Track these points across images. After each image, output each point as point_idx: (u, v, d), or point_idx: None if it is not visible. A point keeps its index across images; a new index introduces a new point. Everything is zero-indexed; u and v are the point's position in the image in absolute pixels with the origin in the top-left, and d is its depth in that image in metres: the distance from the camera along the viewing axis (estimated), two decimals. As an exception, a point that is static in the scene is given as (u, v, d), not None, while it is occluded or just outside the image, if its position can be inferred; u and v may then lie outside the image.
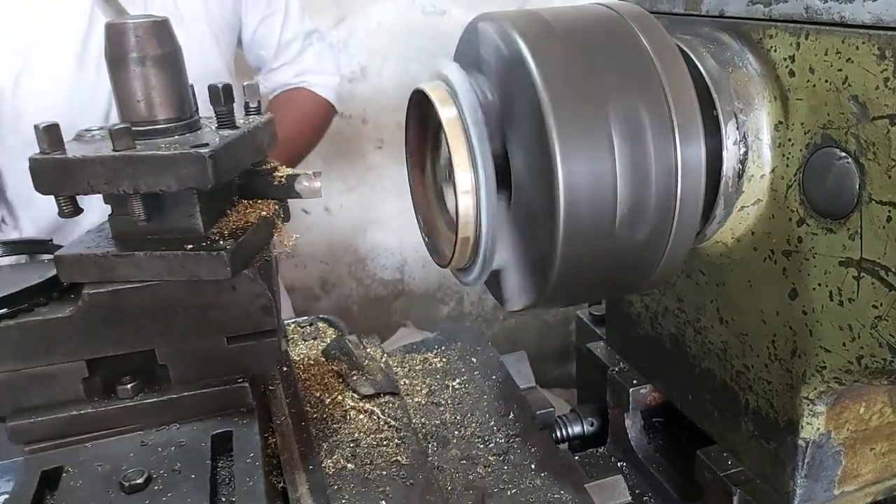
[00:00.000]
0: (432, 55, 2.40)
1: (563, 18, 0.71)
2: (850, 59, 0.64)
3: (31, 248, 0.91)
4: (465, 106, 0.69)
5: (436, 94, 0.72)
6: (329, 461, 0.84)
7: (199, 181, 0.72)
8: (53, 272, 0.79)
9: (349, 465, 0.84)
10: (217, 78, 1.71)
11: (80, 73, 1.49)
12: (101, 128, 0.81)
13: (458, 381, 1.05)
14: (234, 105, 0.81)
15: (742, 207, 0.77)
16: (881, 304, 0.65)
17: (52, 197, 0.76)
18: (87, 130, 0.79)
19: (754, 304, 0.81)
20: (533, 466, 0.89)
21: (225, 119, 0.79)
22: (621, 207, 0.66)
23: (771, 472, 0.83)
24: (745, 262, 0.81)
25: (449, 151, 0.69)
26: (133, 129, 0.74)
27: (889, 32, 0.60)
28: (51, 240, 0.91)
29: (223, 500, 0.73)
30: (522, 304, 0.76)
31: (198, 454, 0.75)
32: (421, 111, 0.79)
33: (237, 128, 0.79)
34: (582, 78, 0.65)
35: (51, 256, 0.84)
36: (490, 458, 0.90)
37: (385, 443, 0.88)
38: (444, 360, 1.11)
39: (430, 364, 1.10)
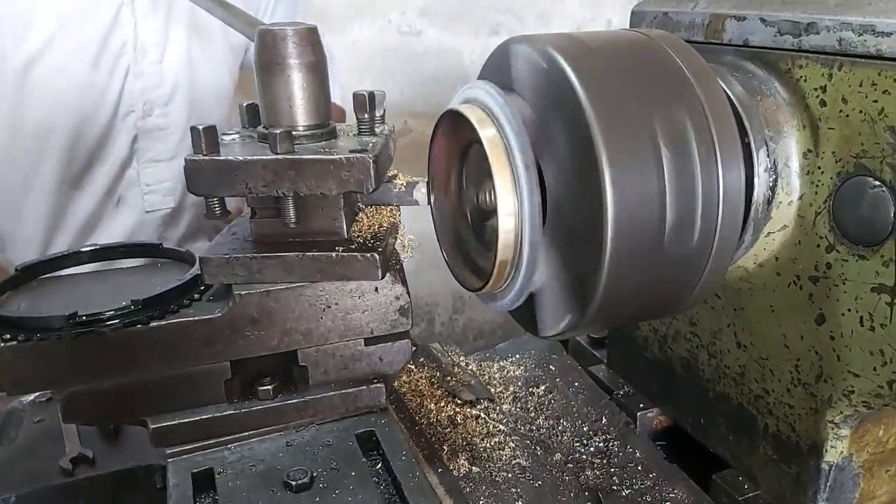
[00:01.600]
0: (408, 75, 2.40)
1: (599, 40, 0.71)
2: (886, 90, 0.66)
3: (144, 251, 0.91)
4: (507, 127, 0.68)
5: (473, 115, 0.71)
6: (453, 464, 0.86)
7: (360, 185, 0.72)
8: (189, 274, 0.78)
9: (474, 468, 0.86)
10: (227, 97, 1.68)
11: (94, 72, 1.45)
12: (236, 132, 0.80)
13: (542, 388, 1.07)
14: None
15: (769, 233, 0.78)
16: (917, 330, 0.66)
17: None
18: (224, 134, 0.78)
19: (776, 329, 0.82)
20: (640, 468, 0.91)
21: (366, 126, 0.79)
22: (667, 229, 0.66)
23: (791, 496, 0.84)
24: (767, 287, 0.82)
25: (491, 173, 0.68)
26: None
27: (930, 66, 0.62)
28: (161, 243, 0.90)
29: (389, 496, 0.74)
30: (560, 328, 0.76)
31: (349, 453, 0.76)
32: (449, 133, 0.78)
33: (376, 135, 0.79)
34: (625, 97, 0.65)
35: (163, 259, 0.87)
36: (594, 460, 0.92)
37: (501, 446, 0.90)
38: (521, 367, 1.12)
39: (508, 372, 1.11)
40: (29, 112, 1.42)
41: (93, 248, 0.89)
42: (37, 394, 1.08)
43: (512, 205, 0.68)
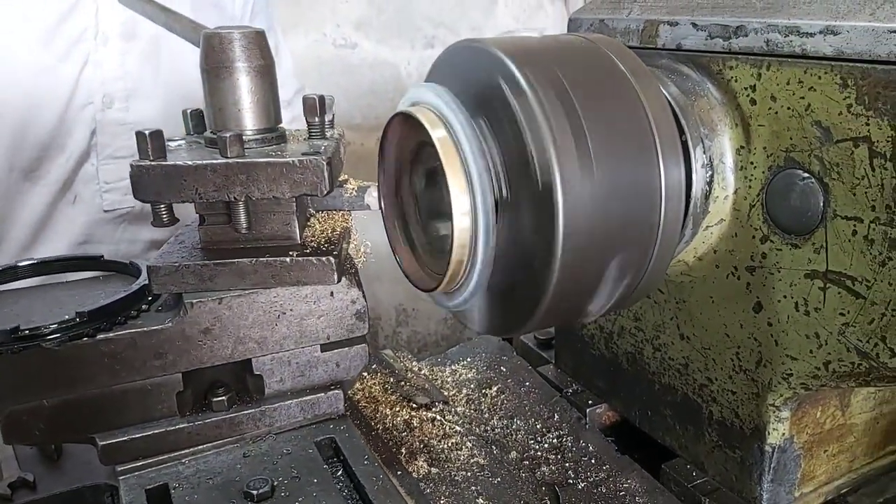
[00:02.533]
0: (344, 87, 2.40)
1: (543, 44, 0.74)
2: (812, 87, 0.70)
3: (83, 264, 0.89)
4: (457, 127, 0.70)
5: (424, 116, 0.72)
6: (412, 466, 0.86)
7: (314, 187, 0.72)
8: (136, 284, 0.77)
9: (433, 469, 0.86)
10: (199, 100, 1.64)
11: (47, 55, 1.38)
12: (183, 138, 0.79)
13: (494, 389, 1.08)
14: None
15: (707, 227, 0.82)
16: (848, 312, 0.70)
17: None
18: (169, 141, 0.76)
19: (717, 319, 0.85)
20: (593, 461, 0.93)
21: (317, 130, 0.79)
22: (614, 225, 0.68)
23: (737, 480, 0.87)
24: (707, 280, 0.85)
25: (444, 174, 0.69)
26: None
27: (850, 63, 0.66)
28: (101, 255, 0.88)
29: (353, 501, 0.73)
30: (501, 328, 0.77)
31: (309, 460, 0.75)
32: (399, 136, 0.79)
33: (327, 139, 0.78)
34: (571, 98, 0.67)
35: (105, 272, 0.84)
36: (549, 456, 0.93)
37: (458, 447, 0.91)
38: (472, 370, 1.14)
39: (460, 375, 1.12)
40: None
41: (30, 262, 0.87)
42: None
43: (466, 204, 0.69)
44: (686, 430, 0.93)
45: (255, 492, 0.68)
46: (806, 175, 0.72)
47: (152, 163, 0.70)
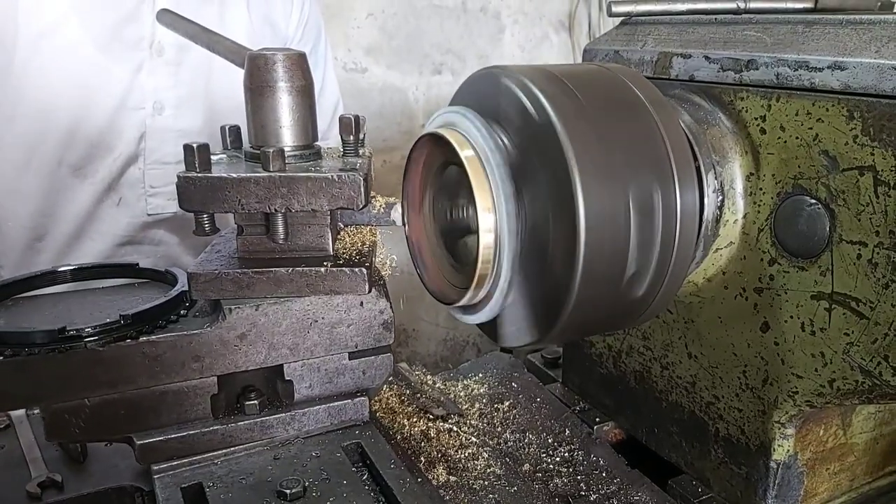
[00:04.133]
0: (353, 110, 2.44)
1: (569, 74, 0.78)
2: (820, 119, 0.74)
3: (120, 271, 0.93)
4: (485, 148, 0.74)
5: (452, 137, 0.76)
6: (431, 473, 0.89)
7: (351, 201, 0.76)
8: (176, 290, 0.81)
9: (451, 477, 0.89)
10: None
11: (105, 58, 1.43)
12: (223, 152, 0.82)
13: (506, 404, 1.11)
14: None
15: (717, 249, 0.86)
16: (853, 332, 0.74)
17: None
18: (210, 154, 0.80)
19: (725, 339, 0.89)
20: (604, 475, 0.96)
21: (351, 148, 0.83)
22: (630, 248, 0.72)
23: (742, 496, 0.90)
24: (715, 300, 0.89)
25: (471, 192, 0.73)
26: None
27: (857, 97, 0.71)
28: (137, 263, 0.92)
29: (382, 502, 0.75)
30: (526, 340, 0.81)
31: (338, 463, 0.78)
32: (425, 155, 0.83)
33: (360, 156, 0.82)
34: (595, 127, 0.72)
35: (133, 280, 0.88)
36: (561, 469, 0.96)
37: (475, 457, 0.94)
38: (485, 385, 1.17)
39: (473, 390, 1.15)
40: (34, 87, 1.40)
41: (69, 267, 0.90)
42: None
43: (491, 221, 0.73)
44: (692, 446, 0.96)
45: (287, 491, 0.71)
46: (813, 201, 0.76)
47: (198, 174, 0.74)
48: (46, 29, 1.39)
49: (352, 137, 0.82)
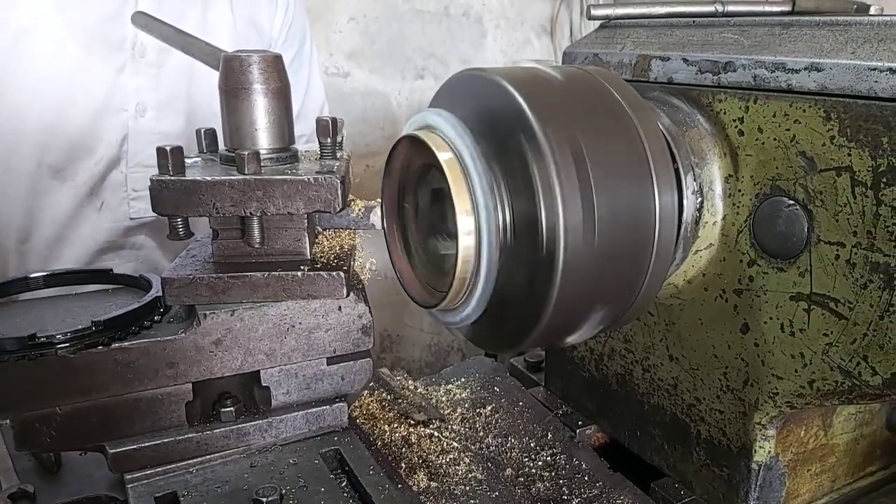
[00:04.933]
0: (336, 115, 2.43)
1: (546, 74, 0.78)
2: (797, 120, 0.74)
3: (93, 277, 0.91)
4: (463, 150, 0.73)
5: (430, 139, 0.76)
6: (412, 479, 0.88)
7: (328, 204, 0.75)
8: (149, 296, 0.80)
9: (433, 483, 0.88)
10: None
11: (87, 58, 1.41)
12: (198, 156, 0.81)
13: (488, 408, 1.11)
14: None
15: (696, 251, 0.86)
16: (832, 332, 0.74)
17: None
18: (185, 157, 0.79)
19: (705, 340, 0.89)
20: (587, 478, 0.95)
21: (328, 150, 0.82)
22: (611, 248, 0.71)
23: (724, 497, 0.90)
24: (696, 302, 0.89)
25: (449, 195, 0.72)
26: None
27: (833, 98, 0.71)
28: (111, 269, 0.91)
29: None
30: (506, 344, 0.80)
31: (316, 471, 0.77)
32: (404, 158, 0.82)
33: (338, 159, 0.81)
34: (574, 128, 0.71)
35: (107, 286, 0.86)
36: (544, 473, 0.96)
37: (456, 462, 0.93)
38: (467, 390, 1.16)
39: (455, 394, 1.14)
40: (12, 85, 1.37)
41: (42, 273, 0.88)
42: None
43: (471, 224, 0.72)
44: (675, 449, 0.96)
45: (264, 499, 0.69)
46: (791, 202, 0.76)
47: (172, 178, 0.72)
48: (26, 27, 1.37)
49: (329, 140, 0.82)
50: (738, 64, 0.81)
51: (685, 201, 0.83)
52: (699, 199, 0.84)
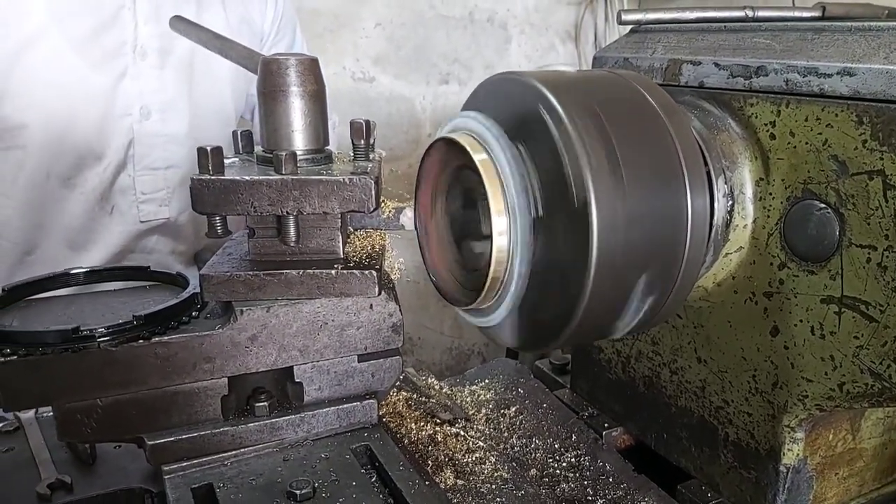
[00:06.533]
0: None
1: (579, 79, 0.79)
2: (829, 124, 0.75)
3: (132, 273, 0.93)
4: (498, 150, 0.74)
5: (465, 141, 0.77)
6: (439, 477, 0.89)
7: (362, 204, 0.76)
8: (187, 292, 0.81)
9: (459, 481, 0.89)
10: (228, 116, 1.66)
11: (88, 66, 1.43)
12: (235, 156, 0.83)
13: (512, 409, 1.12)
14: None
15: (726, 254, 0.86)
16: (862, 335, 0.74)
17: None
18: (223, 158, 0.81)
19: (734, 343, 0.89)
20: (611, 480, 0.96)
21: (362, 152, 0.84)
22: (642, 249, 0.72)
23: (752, 500, 0.90)
24: (725, 304, 0.89)
25: (484, 194, 0.74)
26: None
27: (866, 102, 0.71)
28: (149, 266, 0.93)
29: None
30: (536, 344, 0.81)
31: (347, 465, 0.78)
32: (437, 160, 0.84)
33: (370, 161, 0.83)
34: (607, 130, 0.72)
35: (144, 283, 0.88)
36: (568, 474, 0.97)
37: (482, 461, 0.93)
38: (491, 391, 1.17)
39: (479, 395, 1.15)
40: (19, 100, 1.39)
41: (82, 269, 0.90)
42: (1, 424, 1.06)
43: (504, 224, 0.73)
44: (702, 451, 0.96)
45: (297, 492, 0.71)
46: (823, 206, 0.77)
47: (212, 177, 0.74)
48: (25, 41, 1.38)
49: (362, 141, 0.83)
50: (771, 68, 0.81)
51: (716, 204, 0.83)
52: (730, 203, 0.84)
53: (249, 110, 1.84)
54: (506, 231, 0.73)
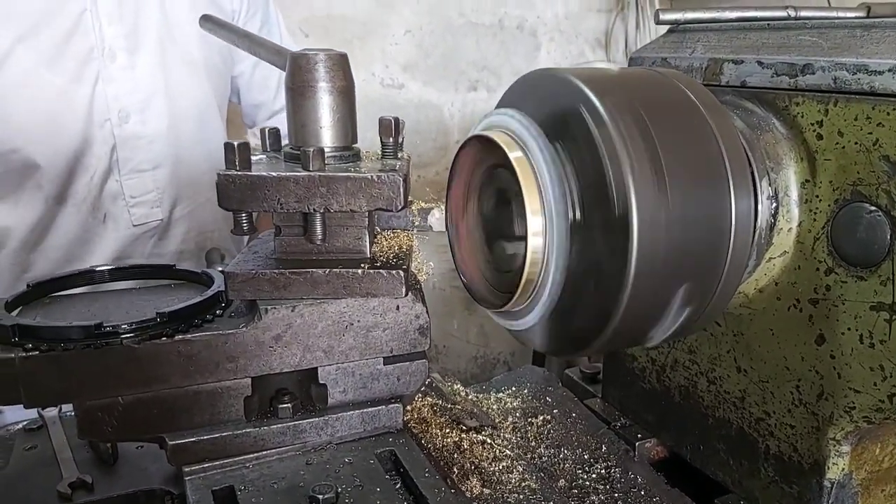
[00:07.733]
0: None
1: (619, 76, 0.76)
2: (880, 123, 0.71)
3: (157, 271, 0.92)
4: (533, 148, 0.72)
5: (501, 139, 0.74)
6: (465, 485, 0.86)
7: (390, 202, 0.74)
8: (212, 290, 0.80)
9: (485, 490, 0.86)
10: (209, 106, 1.63)
11: (60, 79, 1.42)
12: (263, 153, 0.82)
13: (540, 418, 1.09)
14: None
15: (770, 259, 0.83)
16: (916, 345, 0.70)
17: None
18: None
19: (777, 352, 0.85)
20: (643, 493, 0.92)
21: (390, 150, 0.82)
22: (684, 252, 0.69)
23: (793, 516, 0.86)
24: (767, 312, 0.86)
25: (519, 194, 0.71)
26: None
27: (921, 100, 0.68)
28: (174, 264, 0.92)
29: None
30: (569, 350, 0.78)
31: (371, 471, 0.76)
32: (471, 158, 0.82)
33: (399, 159, 0.81)
34: (648, 129, 0.69)
35: (168, 281, 0.87)
36: (598, 486, 0.93)
37: (509, 470, 0.91)
38: (518, 399, 1.14)
39: (506, 403, 1.13)
40: (3, 123, 1.38)
41: (107, 267, 0.90)
42: (26, 421, 1.06)
43: (540, 224, 0.71)
44: (741, 464, 0.92)
45: (320, 497, 0.69)
46: (873, 208, 0.73)
47: (238, 173, 0.73)
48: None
49: (391, 139, 0.81)
50: (818, 66, 0.78)
51: (760, 207, 0.80)
52: (774, 205, 0.81)
53: (236, 94, 1.82)
54: (541, 232, 0.71)
